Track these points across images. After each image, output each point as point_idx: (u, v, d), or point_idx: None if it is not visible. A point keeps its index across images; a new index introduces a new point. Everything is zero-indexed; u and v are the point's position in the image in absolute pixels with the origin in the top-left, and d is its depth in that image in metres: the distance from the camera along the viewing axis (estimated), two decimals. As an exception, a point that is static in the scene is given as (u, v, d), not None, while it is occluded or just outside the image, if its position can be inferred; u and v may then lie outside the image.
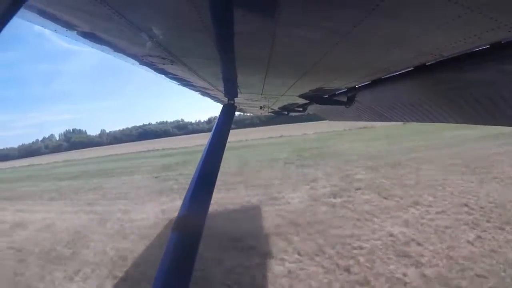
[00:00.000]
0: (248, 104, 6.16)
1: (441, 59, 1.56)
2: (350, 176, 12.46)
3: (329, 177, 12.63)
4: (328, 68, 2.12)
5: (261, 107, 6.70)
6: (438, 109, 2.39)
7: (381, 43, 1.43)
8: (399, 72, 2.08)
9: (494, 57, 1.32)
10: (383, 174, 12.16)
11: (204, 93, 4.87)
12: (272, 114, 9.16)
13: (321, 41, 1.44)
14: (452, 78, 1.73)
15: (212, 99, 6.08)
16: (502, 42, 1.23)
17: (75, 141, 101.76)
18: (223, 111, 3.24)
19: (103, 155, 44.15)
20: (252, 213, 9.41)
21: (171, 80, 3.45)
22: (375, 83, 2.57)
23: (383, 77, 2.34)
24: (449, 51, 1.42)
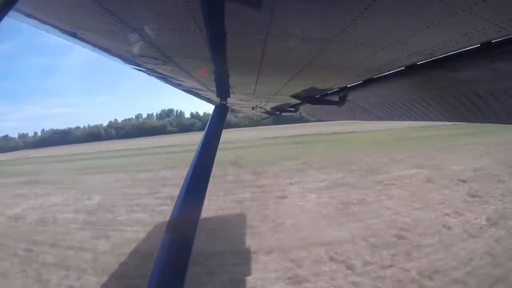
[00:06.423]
0: (241, 104, 6.14)
1: (432, 58, 1.57)
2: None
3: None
4: (320, 68, 2.12)
5: (253, 107, 6.69)
6: (430, 108, 2.42)
7: (372, 42, 1.43)
8: (391, 72, 2.09)
9: (485, 56, 1.33)
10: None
11: (196, 93, 4.83)
12: (265, 114, 9.15)
13: (313, 41, 1.44)
14: (444, 77, 1.75)
15: (204, 100, 6.03)
16: (493, 42, 1.24)
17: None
18: (215, 112, 3.21)
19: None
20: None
21: (161, 81, 3.40)
22: (367, 82, 2.58)
23: (375, 77, 2.35)
24: (440, 50, 1.43)
